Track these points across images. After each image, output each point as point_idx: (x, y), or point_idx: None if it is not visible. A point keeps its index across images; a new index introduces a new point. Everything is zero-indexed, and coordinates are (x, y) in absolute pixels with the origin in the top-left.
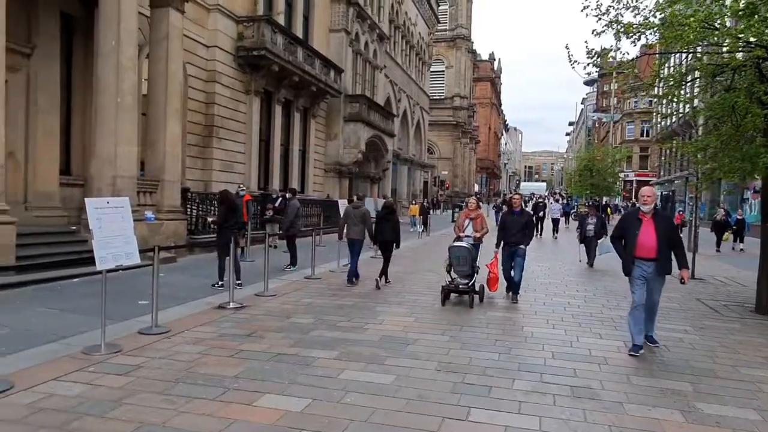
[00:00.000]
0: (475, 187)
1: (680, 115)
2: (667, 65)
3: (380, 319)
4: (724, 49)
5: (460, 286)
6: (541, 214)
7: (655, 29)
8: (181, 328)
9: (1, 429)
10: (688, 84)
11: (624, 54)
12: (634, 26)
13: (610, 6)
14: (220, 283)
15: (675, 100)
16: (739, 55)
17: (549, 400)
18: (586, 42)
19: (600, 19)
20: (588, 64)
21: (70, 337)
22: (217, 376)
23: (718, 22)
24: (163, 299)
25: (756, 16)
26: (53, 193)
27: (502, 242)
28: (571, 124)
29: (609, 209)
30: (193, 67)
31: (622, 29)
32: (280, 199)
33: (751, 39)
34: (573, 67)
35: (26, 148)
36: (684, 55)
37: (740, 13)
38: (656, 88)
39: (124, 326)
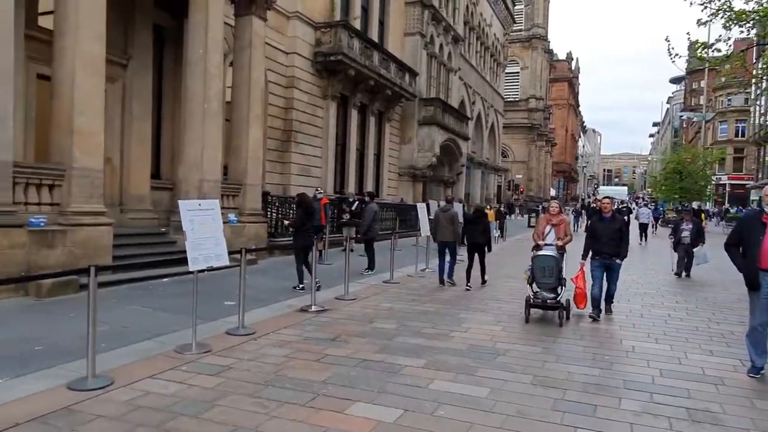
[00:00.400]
0: (550, 192)
1: None
2: None
3: (465, 327)
4: None
5: (548, 301)
6: (625, 219)
7: None
8: (266, 330)
9: (102, 425)
10: None
11: (730, 46)
12: (746, 13)
13: None
14: (300, 285)
15: None
16: None
17: (664, 423)
18: (688, 34)
19: (706, 7)
20: (692, 57)
21: (163, 335)
22: (306, 381)
23: None
24: (247, 301)
25: None
26: (145, 196)
27: (590, 253)
28: (655, 124)
29: (703, 215)
30: (273, 73)
31: (734, 17)
32: (357, 202)
33: None
34: (674, 61)
35: (121, 153)
36: None
37: None
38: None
39: (212, 326)
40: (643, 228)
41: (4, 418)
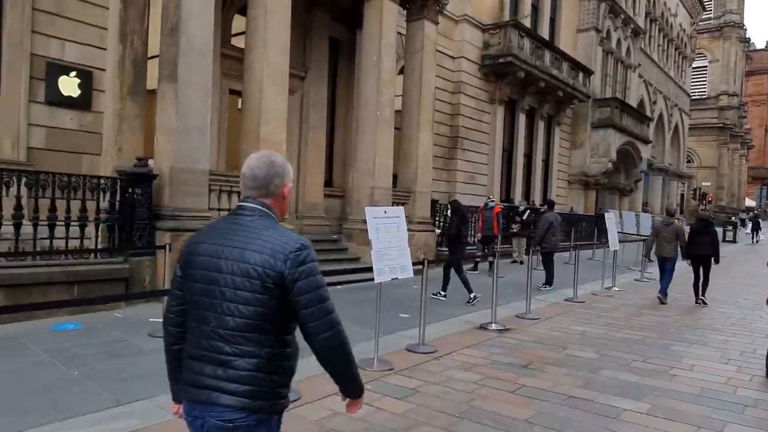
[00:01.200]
0: (745, 201)
1: None
2: None
3: (687, 363)
4: None
5: None
6: None
7: None
8: (448, 349)
9: None
10: None
11: None
12: None
13: None
14: (472, 296)
15: None
16: None
17: None
18: None
19: None
20: None
21: None
22: (506, 417)
23: None
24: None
25: None
26: (318, 204)
27: None
28: None
29: None
30: (440, 79)
31: None
32: (528, 210)
33: None
34: None
35: (298, 161)
36: None
37: None
38: None
39: (390, 340)
40: None
41: None
